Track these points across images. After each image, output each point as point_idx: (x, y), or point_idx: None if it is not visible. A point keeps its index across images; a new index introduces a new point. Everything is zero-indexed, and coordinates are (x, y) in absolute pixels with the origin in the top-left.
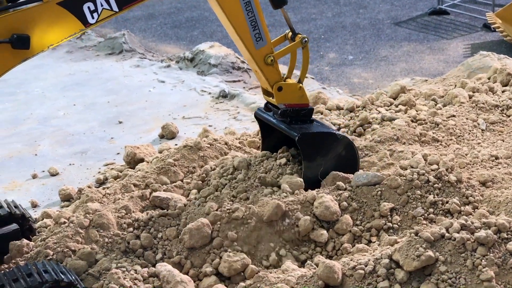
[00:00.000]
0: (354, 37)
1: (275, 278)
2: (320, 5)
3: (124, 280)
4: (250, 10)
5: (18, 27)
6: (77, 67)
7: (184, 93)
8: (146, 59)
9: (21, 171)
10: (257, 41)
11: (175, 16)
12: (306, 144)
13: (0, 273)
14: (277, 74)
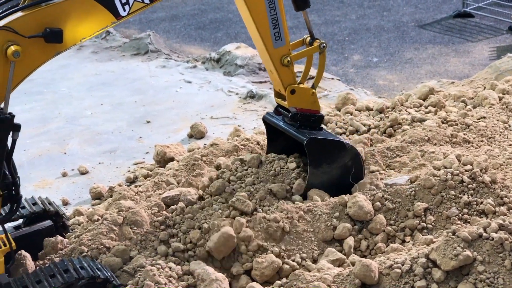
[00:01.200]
0: (378, 39)
1: (312, 276)
2: (344, 8)
3: (159, 277)
4: (273, 7)
5: (51, 21)
6: (102, 67)
7: (211, 94)
8: (172, 60)
9: (51, 169)
10: (276, 40)
11: (199, 17)
12: (313, 149)
13: (37, 269)
14: (292, 77)
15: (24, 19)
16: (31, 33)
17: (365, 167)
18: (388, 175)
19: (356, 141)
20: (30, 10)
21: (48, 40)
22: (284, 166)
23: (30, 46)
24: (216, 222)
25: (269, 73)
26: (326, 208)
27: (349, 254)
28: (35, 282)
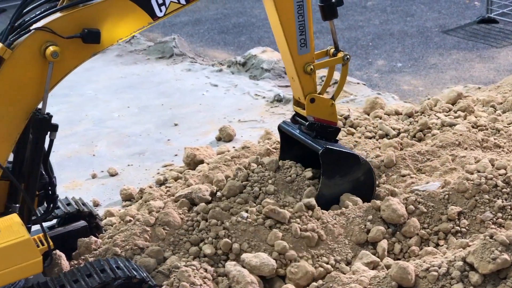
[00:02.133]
0: (402, 44)
1: (348, 279)
2: (366, 13)
3: (194, 278)
4: (301, 13)
5: (89, 21)
6: (128, 70)
7: (238, 97)
8: (197, 63)
9: (80, 170)
10: (301, 47)
11: (222, 21)
12: (328, 160)
13: (73, 268)
14: (313, 85)
15: (62, 20)
16: (69, 34)
17: (377, 184)
18: (419, 179)
19: (386, 145)
20: (68, 11)
21: (86, 41)
22: (301, 173)
23: (68, 47)
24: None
25: (290, 80)
26: (360, 211)
27: (383, 257)
28: (72, 281)
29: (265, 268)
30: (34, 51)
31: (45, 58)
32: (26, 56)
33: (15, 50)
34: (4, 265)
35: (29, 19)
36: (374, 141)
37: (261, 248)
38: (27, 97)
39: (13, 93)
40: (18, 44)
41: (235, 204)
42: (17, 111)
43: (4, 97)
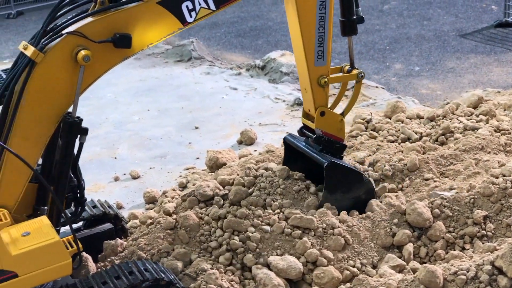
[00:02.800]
0: (419, 48)
1: (375, 282)
2: (383, 17)
3: (221, 281)
4: (322, 25)
5: (120, 26)
6: (147, 73)
7: (258, 101)
8: (216, 67)
9: (102, 173)
10: (318, 58)
11: (239, 25)
12: (332, 174)
13: (101, 270)
14: (325, 98)
15: (93, 24)
16: (101, 38)
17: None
18: (443, 183)
19: (409, 149)
20: (100, 16)
21: (117, 45)
22: (309, 186)
23: (99, 51)
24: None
25: (302, 92)
26: (385, 214)
27: (408, 260)
28: (100, 283)
29: (292, 271)
30: (66, 55)
31: (76, 62)
32: (57, 60)
33: (47, 54)
34: (34, 267)
35: (61, 23)
36: (396, 145)
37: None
38: (58, 100)
39: (44, 96)
40: (50, 48)
41: (250, 213)
42: (48, 114)
43: (35, 100)
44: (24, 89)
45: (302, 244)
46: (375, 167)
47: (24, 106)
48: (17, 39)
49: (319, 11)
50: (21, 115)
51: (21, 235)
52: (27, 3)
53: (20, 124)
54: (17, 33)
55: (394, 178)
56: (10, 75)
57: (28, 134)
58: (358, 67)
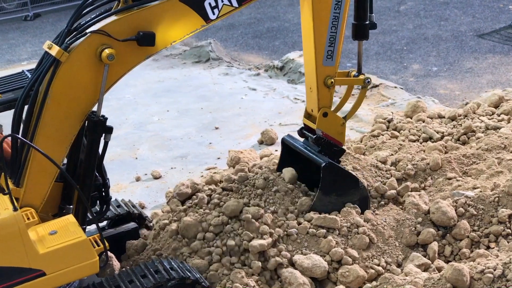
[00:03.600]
0: (437, 48)
1: (401, 280)
2: (400, 17)
3: (248, 280)
4: (335, 25)
5: (143, 24)
6: (165, 74)
7: (277, 101)
8: (234, 67)
9: (124, 173)
10: (327, 58)
11: (256, 26)
12: (329, 175)
13: (128, 269)
14: (329, 100)
15: (117, 23)
16: (124, 37)
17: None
18: (465, 182)
19: (431, 148)
20: (123, 14)
21: (140, 43)
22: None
23: (123, 49)
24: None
25: (306, 91)
26: (409, 213)
27: (433, 259)
28: (127, 282)
29: (317, 270)
30: (90, 54)
31: (100, 61)
32: (82, 58)
33: (71, 53)
34: (61, 265)
35: (84, 22)
36: (418, 144)
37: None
38: (82, 99)
39: (69, 95)
40: (75, 47)
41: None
42: (73, 113)
43: (60, 99)
44: (49, 89)
45: (326, 243)
46: (397, 166)
47: (49, 105)
48: (34, 41)
49: (333, 11)
50: (47, 114)
51: (48, 234)
52: (44, 5)
53: (45, 123)
54: (35, 35)
55: (416, 177)
56: (35, 74)
57: (54, 133)
58: (365, 73)
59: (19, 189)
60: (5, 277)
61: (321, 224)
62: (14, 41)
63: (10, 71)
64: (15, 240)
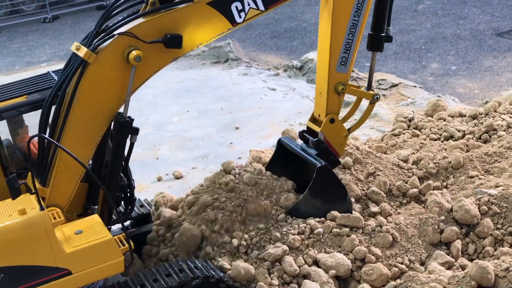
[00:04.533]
0: (455, 47)
1: (426, 278)
2: (418, 17)
3: (272, 280)
4: (353, 32)
5: (170, 27)
6: (184, 75)
7: (297, 101)
8: (253, 68)
9: (145, 174)
10: (341, 64)
11: (274, 26)
12: (322, 177)
13: (152, 268)
14: (338, 106)
15: (145, 25)
16: (152, 39)
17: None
18: (488, 180)
19: (452, 147)
20: (151, 17)
21: (168, 45)
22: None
23: (150, 51)
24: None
25: (316, 96)
26: (431, 212)
27: (457, 257)
28: (151, 281)
29: (341, 268)
30: (118, 56)
31: (128, 63)
32: (109, 60)
33: (99, 54)
34: (87, 265)
35: (112, 24)
36: (439, 143)
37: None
38: (109, 100)
39: (96, 96)
40: (102, 48)
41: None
42: (100, 113)
43: (87, 100)
44: (76, 90)
45: (350, 242)
46: (419, 165)
47: (76, 106)
48: (53, 43)
49: (352, 18)
50: (74, 115)
51: (74, 233)
52: (63, 7)
53: (72, 124)
54: (53, 37)
55: (438, 175)
56: (62, 75)
57: (80, 134)
58: (374, 89)
59: (45, 189)
60: (32, 276)
61: (344, 223)
62: (33, 43)
63: (30, 73)
64: (42, 239)
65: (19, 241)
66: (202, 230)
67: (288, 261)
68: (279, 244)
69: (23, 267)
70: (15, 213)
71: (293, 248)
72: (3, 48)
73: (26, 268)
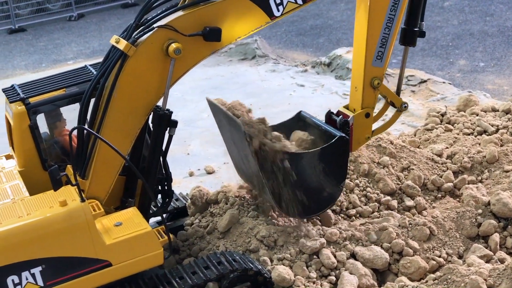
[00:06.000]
0: (483, 44)
1: (466, 270)
2: (444, 13)
3: (309, 272)
4: (389, 27)
5: (209, 20)
6: (212, 71)
7: (326, 97)
8: (280, 64)
9: (177, 169)
10: (377, 59)
11: (299, 24)
12: (338, 146)
13: (191, 261)
14: (373, 101)
15: (184, 18)
16: (191, 32)
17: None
18: None
19: (486, 141)
20: (190, 10)
21: (207, 38)
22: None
23: (189, 44)
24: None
25: (351, 90)
26: (468, 205)
27: (495, 250)
28: (190, 273)
29: (378, 261)
30: (157, 48)
31: (167, 55)
32: (149, 53)
33: (139, 47)
34: (127, 256)
35: (151, 17)
36: (473, 138)
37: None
38: (149, 93)
39: (135, 88)
40: (142, 41)
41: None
42: (139, 106)
43: (127, 92)
44: (116, 82)
45: (387, 235)
46: (453, 159)
47: (116, 99)
48: (79, 40)
49: (389, 12)
50: (113, 107)
51: (114, 225)
52: (88, 6)
53: (111, 116)
54: (79, 35)
55: (473, 170)
56: (101, 68)
57: (119, 126)
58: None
59: (85, 181)
60: (72, 267)
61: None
62: (59, 41)
63: (57, 70)
64: (83, 231)
65: (60, 232)
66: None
67: (326, 254)
68: (316, 237)
69: (64, 259)
70: (56, 205)
71: (330, 241)
72: (29, 46)
73: (67, 260)
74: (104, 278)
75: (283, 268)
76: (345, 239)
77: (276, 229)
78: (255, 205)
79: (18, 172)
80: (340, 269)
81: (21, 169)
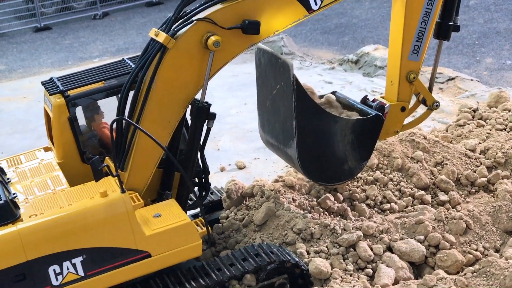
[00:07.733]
0: (510, 42)
1: (505, 263)
2: (470, 12)
3: (346, 265)
4: (426, 21)
5: (248, 13)
6: (239, 69)
7: (355, 94)
8: (307, 62)
9: (208, 164)
10: (413, 53)
11: (324, 22)
12: (369, 125)
13: (229, 253)
14: (409, 96)
15: (223, 11)
16: (230, 25)
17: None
18: None
19: None
20: (229, 3)
21: (245, 31)
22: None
23: (228, 37)
24: None
25: (387, 84)
26: (504, 199)
27: None
28: (228, 265)
29: (415, 254)
30: (196, 41)
31: (206, 48)
32: (188, 45)
33: (178, 40)
34: (166, 247)
35: (190, 10)
36: (505, 133)
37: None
38: (187, 85)
39: (174, 81)
40: (181, 34)
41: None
42: (178, 98)
43: (166, 84)
44: (155, 74)
45: (424, 228)
46: (486, 154)
47: (155, 91)
48: (104, 39)
49: (426, 6)
50: (152, 99)
51: (153, 217)
52: (113, 4)
53: (150, 108)
54: (104, 33)
55: (507, 165)
56: (140, 61)
57: (158, 118)
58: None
59: (124, 173)
60: (112, 258)
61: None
62: (84, 39)
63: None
64: (123, 222)
65: (101, 223)
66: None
67: (362, 247)
68: (353, 230)
69: (104, 249)
70: (97, 196)
71: (367, 234)
72: (55, 44)
73: (107, 250)
74: (144, 269)
75: (320, 261)
76: (381, 232)
77: (313, 222)
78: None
79: (57, 164)
80: (377, 262)
81: (60, 161)
